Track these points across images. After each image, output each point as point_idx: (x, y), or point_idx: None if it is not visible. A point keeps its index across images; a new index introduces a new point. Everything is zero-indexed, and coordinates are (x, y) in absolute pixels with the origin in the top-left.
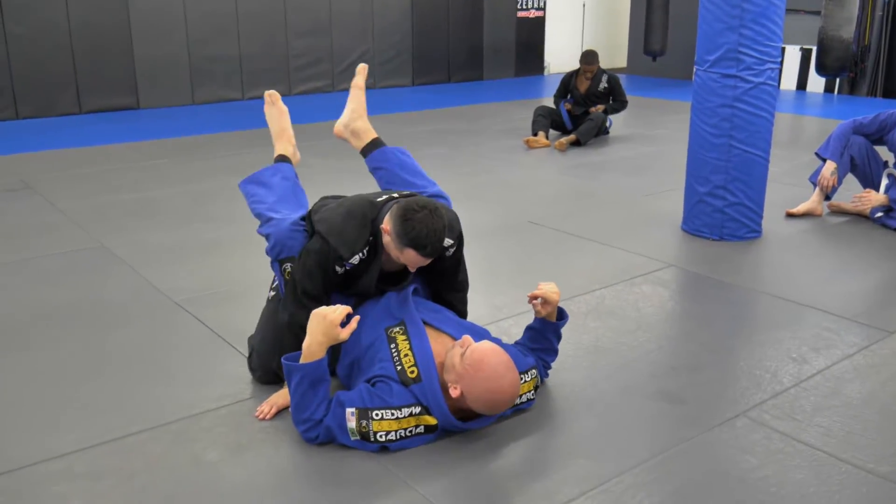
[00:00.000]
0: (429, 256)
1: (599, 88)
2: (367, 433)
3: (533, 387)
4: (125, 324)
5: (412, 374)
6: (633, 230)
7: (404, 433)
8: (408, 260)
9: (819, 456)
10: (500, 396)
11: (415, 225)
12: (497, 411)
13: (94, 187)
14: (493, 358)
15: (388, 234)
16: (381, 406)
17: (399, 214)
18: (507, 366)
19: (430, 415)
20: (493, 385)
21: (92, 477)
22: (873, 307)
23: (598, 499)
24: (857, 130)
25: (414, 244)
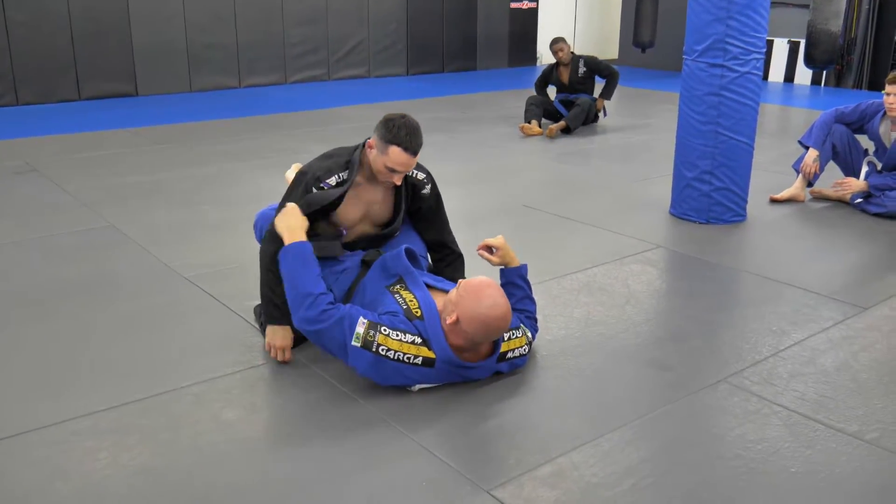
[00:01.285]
0: (411, 153)
1: (579, 74)
2: (371, 342)
3: (525, 342)
4: (139, 297)
5: (416, 313)
6: (624, 214)
7: (402, 357)
8: (393, 160)
9: (793, 417)
10: (493, 314)
11: (396, 123)
12: (491, 333)
13: (99, 170)
14: (487, 284)
15: (373, 148)
16: (390, 326)
17: (383, 122)
18: (499, 292)
19: (429, 349)
20: (487, 304)
21: (119, 433)
22: (850, 285)
23: (588, 453)
24: (839, 119)
25: (397, 140)
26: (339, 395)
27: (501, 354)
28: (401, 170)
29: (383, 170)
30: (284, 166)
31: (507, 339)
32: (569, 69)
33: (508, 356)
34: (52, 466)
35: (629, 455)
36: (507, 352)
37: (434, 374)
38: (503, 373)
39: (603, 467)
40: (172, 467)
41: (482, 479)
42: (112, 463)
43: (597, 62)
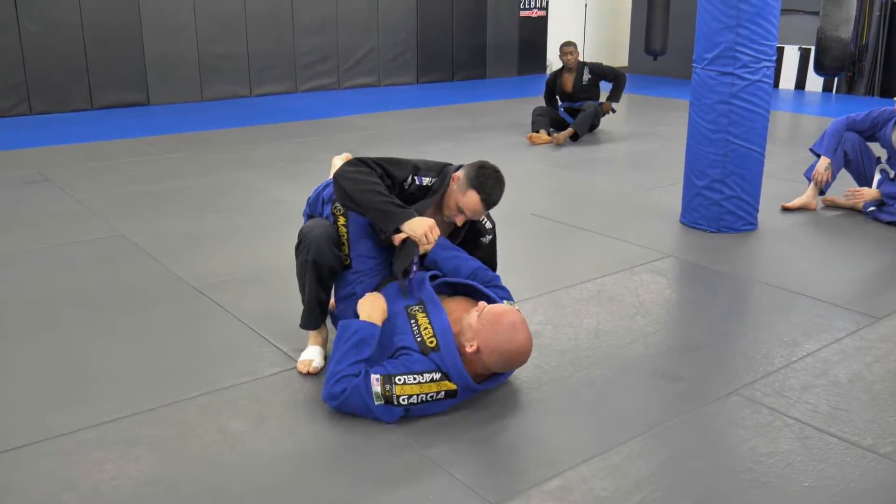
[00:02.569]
0: (486, 205)
1: (584, 81)
2: (390, 396)
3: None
4: (148, 307)
5: (431, 344)
6: (633, 222)
7: (426, 397)
8: (466, 204)
9: (806, 429)
10: (516, 349)
11: (487, 172)
12: (512, 366)
13: (110, 179)
14: (510, 315)
15: (456, 181)
16: (404, 372)
17: (476, 164)
18: (522, 322)
19: (449, 380)
20: (510, 338)
21: (126, 443)
22: (863, 295)
23: (597, 466)
24: (851, 127)
25: (481, 188)
26: None
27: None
28: (468, 215)
29: (453, 207)
30: (295, 175)
31: None
32: (573, 75)
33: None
34: (59, 477)
35: (639, 468)
36: None
37: (456, 401)
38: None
39: (612, 480)
40: (179, 478)
41: (490, 492)
42: (119, 474)
43: (601, 67)
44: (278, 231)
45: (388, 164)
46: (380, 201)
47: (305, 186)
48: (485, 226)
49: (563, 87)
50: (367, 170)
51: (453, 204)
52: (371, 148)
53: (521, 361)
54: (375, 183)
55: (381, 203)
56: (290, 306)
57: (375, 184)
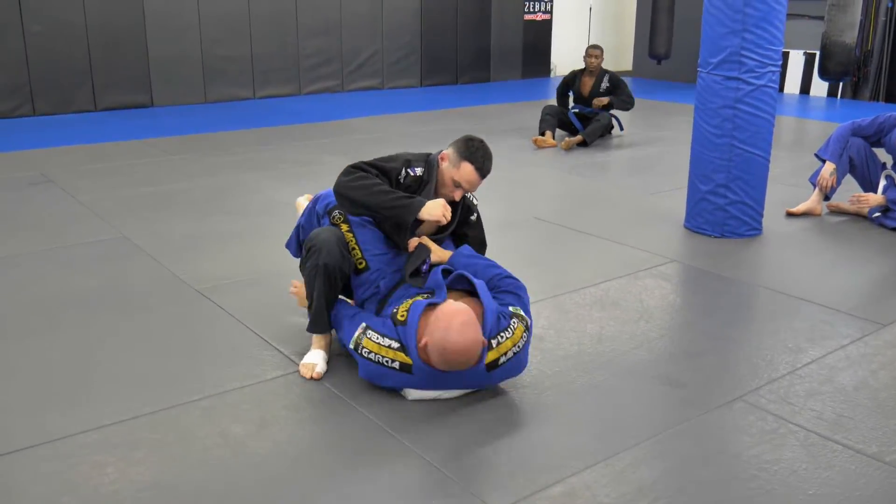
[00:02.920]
0: (481, 173)
1: (601, 88)
2: (358, 345)
3: (519, 336)
4: (150, 310)
5: (402, 318)
6: (637, 227)
7: (381, 360)
8: (462, 176)
9: (811, 437)
10: (450, 349)
11: (475, 144)
12: (450, 366)
13: (113, 181)
14: (454, 316)
15: (446, 159)
16: (375, 330)
17: (463, 139)
18: (464, 323)
19: (406, 354)
20: (444, 337)
21: (127, 447)
22: (868, 301)
23: (601, 472)
24: (856, 132)
25: (472, 158)
26: (349, 411)
27: (492, 363)
28: (466, 187)
29: (449, 183)
30: (298, 177)
31: (496, 346)
32: (593, 80)
33: (501, 362)
34: (60, 481)
35: (642, 475)
36: (497, 358)
37: (416, 380)
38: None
39: (615, 487)
40: (180, 482)
41: (493, 498)
42: (120, 477)
43: (622, 84)
44: (281, 234)
45: (380, 161)
46: (390, 199)
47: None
48: (472, 202)
49: (581, 88)
50: (363, 174)
51: (449, 180)
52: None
53: (459, 362)
54: (378, 184)
55: (392, 201)
56: (292, 309)
57: (378, 184)
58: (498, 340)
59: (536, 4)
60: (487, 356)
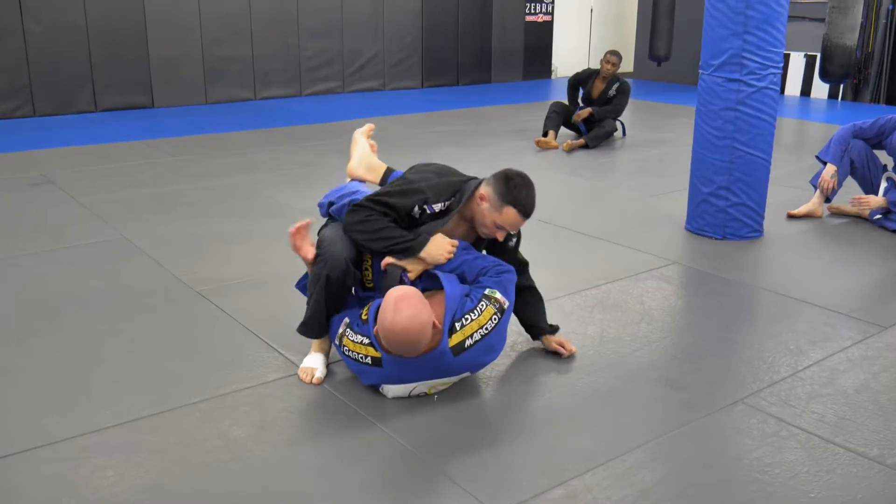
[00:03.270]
0: (525, 216)
1: (609, 94)
2: (340, 342)
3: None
4: (150, 311)
5: (364, 318)
6: (639, 229)
7: (357, 356)
8: (506, 221)
9: (812, 439)
10: (394, 329)
11: (518, 185)
12: (399, 348)
13: (114, 182)
14: (398, 300)
15: (486, 200)
16: (352, 327)
17: (502, 178)
18: (406, 304)
19: (375, 349)
20: (388, 319)
21: (127, 449)
22: (869, 303)
23: (602, 475)
24: (857, 134)
25: (516, 202)
26: (348, 413)
27: (457, 346)
28: (510, 230)
29: (491, 226)
30: (300, 179)
31: (459, 329)
32: (604, 85)
33: (468, 344)
34: (60, 483)
35: (643, 478)
36: (462, 341)
37: (388, 373)
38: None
39: (617, 490)
40: (180, 485)
41: (494, 501)
42: (120, 480)
43: (624, 95)
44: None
45: (394, 195)
46: (391, 244)
47: (310, 190)
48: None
49: (591, 90)
50: (369, 214)
51: (491, 223)
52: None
53: (403, 342)
54: (382, 228)
55: (393, 245)
56: (293, 311)
57: (382, 229)
58: (462, 323)
59: (537, 6)
60: (451, 339)
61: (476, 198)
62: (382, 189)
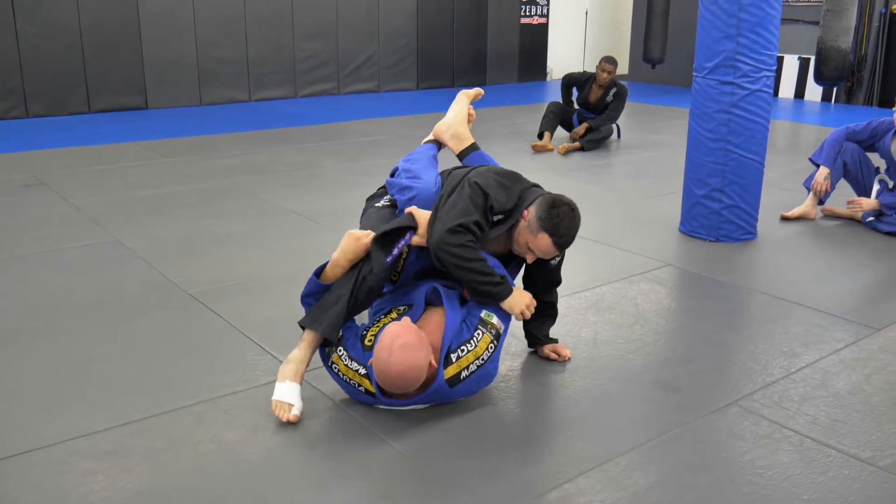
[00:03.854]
0: (559, 248)
1: (606, 100)
2: (328, 357)
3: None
4: (143, 314)
5: (368, 343)
6: (633, 231)
7: (348, 380)
8: (537, 246)
9: (805, 441)
10: (389, 372)
11: (560, 214)
12: (393, 389)
13: (107, 184)
14: (395, 338)
15: (526, 220)
16: (346, 348)
17: (548, 201)
18: (404, 346)
19: (370, 382)
20: (385, 360)
21: (118, 453)
22: (862, 305)
23: (596, 478)
24: (850, 137)
25: (552, 231)
26: (342, 417)
27: (452, 378)
28: (539, 255)
29: (523, 245)
30: (294, 181)
31: (455, 361)
32: (601, 91)
33: (463, 376)
34: (50, 488)
35: (637, 480)
36: (458, 373)
37: (381, 403)
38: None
39: (611, 493)
40: (172, 489)
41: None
42: (111, 485)
43: (620, 101)
44: (276, 238)
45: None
46: (479, 279)
47: (305, 192)
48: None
49: (589, 96)
50: (469, 240)
51: (523, 242)
52: (372, 154)
53: (397, 386)
54: (475, 260)
55: (480, 283)
56: (287, 314)
57: (475, 260)
58: (458, 354)
59: (533, 8)
60: (447, 371)
61: (522, 214)
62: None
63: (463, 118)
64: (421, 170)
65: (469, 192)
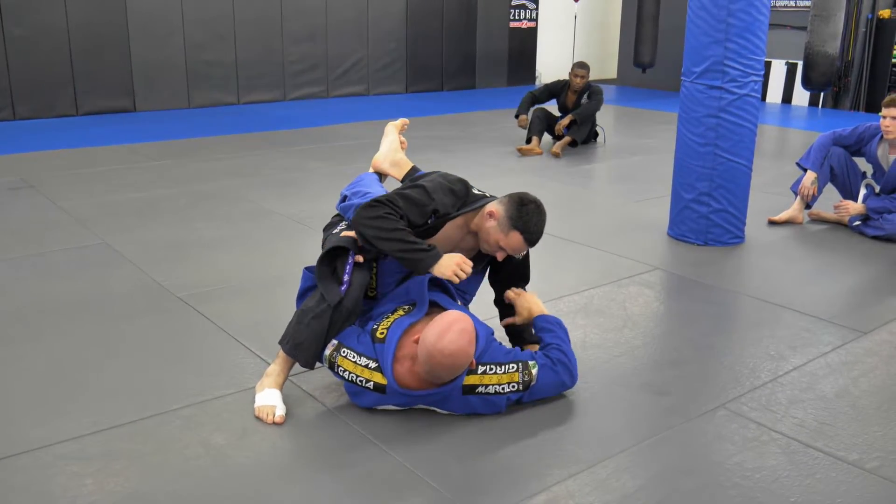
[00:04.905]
0: (530, 244)
1: (582, 102)
2: (333, 363)
3: (513, 381)
4: (131, 317)
5: (381, 336)
6: (621, 235)
7: (356, 378)
8: (509, 244)
9: (793, 444)
10: (441, 349)
11: (529, 212)
12: (433, 369)
13: (95, 187)
14: (455, 322)
15: (496, 218)
16: (351, 347)
17: (516, 201)
18: (462, 330)
19: (381, 374)
20: (439, 337)
21: (106, 457)
22: (849, 309)
23: (584, 481)
24: (837, 142)
25: (523, 229)
26: (331, 420)
27: (468, 387)
28: (511, 252)
29: (494, 244)
30: (283, 184)
31: (479, 373)
32: (576, 95)
33: (479, 390)
34: (36, 492)
35: (625, 483)
36: (476, 385)
37: (389, 400)
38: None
39: (599, 495)
40: (160, 493)
41: None
42: (98, 489)
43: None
44: (265, 241)
45: (407, 206)
46: (403, 248)
47: (294, 195)
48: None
49: (566, 102)
50: (386, 211)
51: (494, 242)
52: (361, 157)
53: (442, 365)
54: (397, 230)
55: (406, 251)
56: (276, 317)
57: (397, 230)
58: (484, 370)
59: (522, 12)
60: (467, 378)
61: (485, 213)
62: (400, 191)
63: (396, 146)
64: (368, 185)
65: (412, 191)
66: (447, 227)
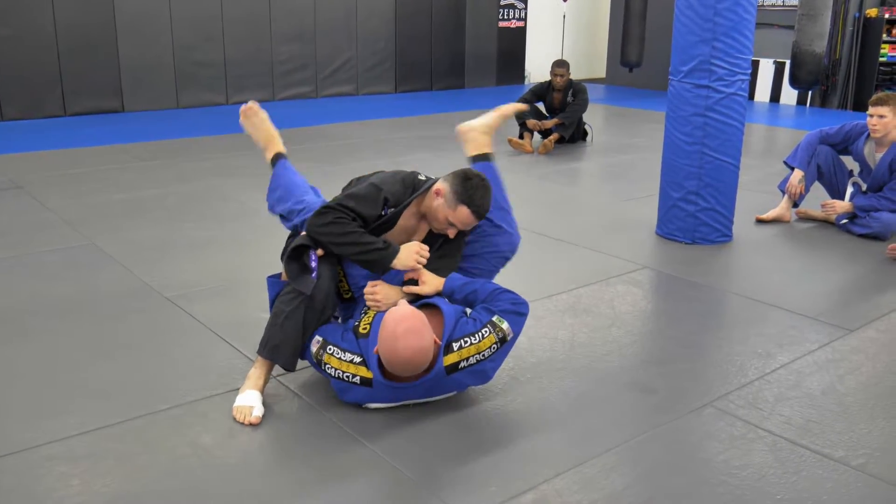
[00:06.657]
0: (478, 217)
1: (567, 100)
2: (319, 361)
3: (490, 344)
4: (118, 317)
5: (364, 331)
6: (610, 234)
7: (342, 375)
8: (458, 218)
9: (779, 442)
10: (396, 356)
11: (475, 186)
12: (397, 370)
13: (83, 187)
14: (399, 322)
15: (442, 196)
16: (336, 344)
17: (460, 176)
18: (408, 330)
19: (367, 368)
20: (390, 345)
21: (93, 458)
22: (835, 307)
23: (572, 479)
24: (824, 140)
25: (471, 202)
26: (319, 420)
27: (451, 366)
28: (461, 227)
29: (443, 221)
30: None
31: (456, 349)
32: (560, 94)
33: (461, 366)
34: (23, 493)
35: (613, 481)
36: (457, 362)
37: (377, 394)
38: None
39: (586, 494)
40: (148, 493)
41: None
42: (86, 489)
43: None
44: (254, 241)
45: (358, 203)
46: (359, 251)
47: None
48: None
49: (553, 103)
50: (337, 216)
51: (443, 219)
52: (349, 157)
53: (406, 367)
54: (352, 233)
55: (363, 252)
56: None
57: (352, 233)
58: (460, 344)
59: (510, 11)
60: (447, 359)
61: (432, 192)
62: (347, 191)
63: (489, 127)
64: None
65: (359, 188)
66: (403, 218)
